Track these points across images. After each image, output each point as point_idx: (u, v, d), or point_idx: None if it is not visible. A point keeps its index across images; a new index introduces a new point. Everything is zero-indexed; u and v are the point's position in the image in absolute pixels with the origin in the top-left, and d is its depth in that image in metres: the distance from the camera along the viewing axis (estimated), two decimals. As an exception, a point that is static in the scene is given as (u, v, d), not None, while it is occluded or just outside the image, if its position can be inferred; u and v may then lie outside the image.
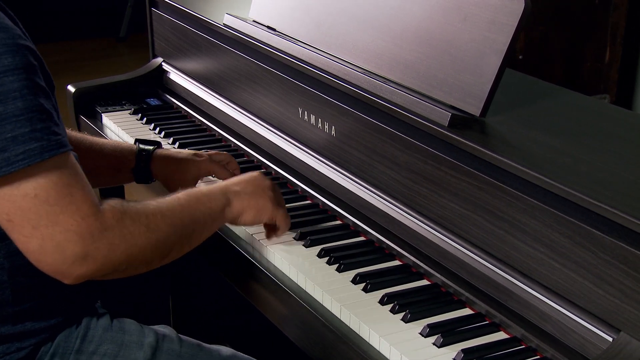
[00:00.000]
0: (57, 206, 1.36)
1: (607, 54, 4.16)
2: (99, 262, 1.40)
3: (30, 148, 1.33)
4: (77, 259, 1.38)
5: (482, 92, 1.59)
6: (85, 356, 1.58)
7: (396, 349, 1.43)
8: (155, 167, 1.96)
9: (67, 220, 1.36)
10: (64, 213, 1.36)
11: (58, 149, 1.36)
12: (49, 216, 1.35)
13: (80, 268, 1.39)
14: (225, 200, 1.64)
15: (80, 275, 1.40)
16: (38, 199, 1.35)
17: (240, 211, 1.66)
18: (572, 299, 1.39)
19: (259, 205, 1.68)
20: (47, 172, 1.36)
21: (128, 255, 1.44)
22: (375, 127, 1.75)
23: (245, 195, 1.67)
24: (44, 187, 1.35)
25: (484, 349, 1.44)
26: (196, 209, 1.58)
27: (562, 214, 1.37)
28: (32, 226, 1.36)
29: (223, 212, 1.64)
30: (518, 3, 1.56)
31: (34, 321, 1.54)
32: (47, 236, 1.36)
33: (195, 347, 1.66)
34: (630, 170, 1.44)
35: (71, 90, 2.49)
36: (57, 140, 1.36)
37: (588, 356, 1.36)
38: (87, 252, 1.38)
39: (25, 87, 1.34)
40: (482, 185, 1.52)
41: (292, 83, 2.00)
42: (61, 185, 1.36)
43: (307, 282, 1.64)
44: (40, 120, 1.35)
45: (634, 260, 1.27)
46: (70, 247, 1.37)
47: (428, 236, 1.66)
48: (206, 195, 1.62)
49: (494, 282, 1.52)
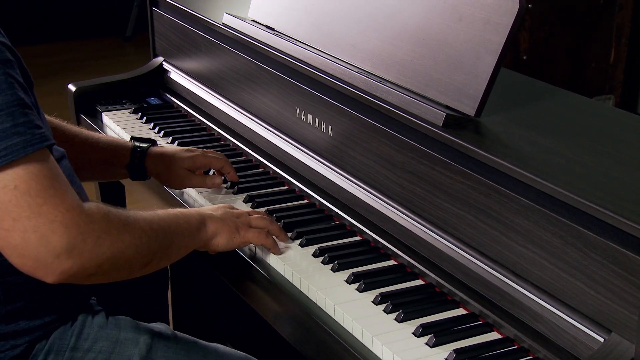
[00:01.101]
0: (40, 197, 1.33)
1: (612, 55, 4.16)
2: (84, 258, 1.37)
3: (13, 143, 1.32)
4: (63, 252, 1.34)
5: (477, 92, 1.59)
6: (80, 353, 1.59)
7: (388, 349, 1.44)
8: (150, 163, 1.96)
9: (51, 212, 1.33)
10: (47, 204, 1.33)
11: (42, 142, 1.35)
12: (31, 207, 1.32)
13: (65, 262, 1.35)
14: (201, 220, 1.64)
15: (65, 271, 1.37)
16: (18, 190, 1.32)
17: (214, 233, 1.65)
18: (564, 299, 1.39)
19: (230, 228, 1.67)
20: (28, 164, 1.34)
21: (112, 253, 1.42)
22: (371, 127, 1.75)
23: (217, 218, 1.66)
24: (24, 179, 1.33)
25: (476, 349, 1.44)
26: (175, 223, 1.58)
27: (553, 214, 1.37)
28: (13, 218, 1.33)
29: (199, 231, 1.63)
30: (513, 3, 1.56)
31: (28, 320, 1.55)
32: (30, 228, 1.32)
33: (190, 344, 1.66)
34: (623, 171, 1.44)
35: (72, 90, 2.50)
36: (40, 134, 1.36)
37: (580, 357, 1.36)
38: (74, 245, 1.35)
39: (4, 81, 1.33)
40: (475, 185, 1.52)
41: (289, 82, 2.00)
42: (42, 177, 1.34)
43: (302, 281, 1.64)
44: (22, 115, 1.35)
45: (625, 261, 1.27)
46: (56, 238, 1.34)
47: (423, 236, 1.66)
48: (183, 213, 1.62)
49: (487, 282, 1.52)
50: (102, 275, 1.44)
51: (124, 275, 1.49)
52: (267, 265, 1.73)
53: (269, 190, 2.00)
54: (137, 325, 1.65)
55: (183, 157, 1.97)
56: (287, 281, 1.67)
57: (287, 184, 2.02)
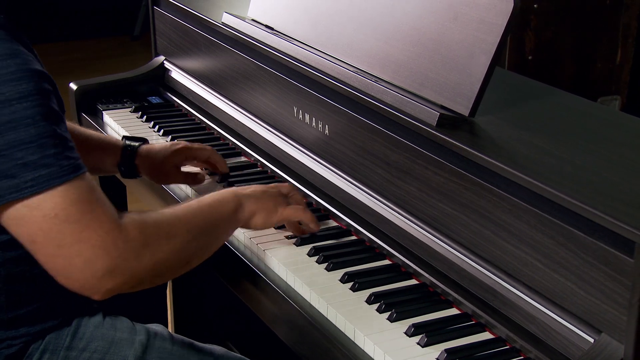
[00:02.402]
0: (80, 224, 1.36)
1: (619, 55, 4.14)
2: (126, 275, 1.41)
3: (39, 175, 1.34)
4: (106, 273, 1.38)
5: (471, 92, 1.59)
6: (75, 353, 1.59)
7: (380, 348, 1.44)
8: (140, 162, 1.98)
9: (92, 236, 1.37)
10: (87, 229, 1.37)
11: (69, 174, 1.36)
12: (72, 234, 1.36)
13: (109, 282, 1.40)
14: (238, 203, 1.66)
15: (110, 289, 1.41)
16: (58, 218, 1.35)
17: (252, 213, 1.68)
18: (555, 300, 1.39)
19: (269, 207, 1.70)
20: (65, 192, 1.36)
21: (153, 264, 1.45)
22: (367, 126, 1.75)
23: (254, 198, 1.69)
24: (63, 206, 1.36)
25: (468, 349, 1.44)
26: (210, 214, 1.60)
27: (545, 214, 1.37)
28: (57, 245, 1.36)
29: (236, 215, 1.66)
30: (507, 3, 1.56)
31: (29, 326, 1.55)
32: (74, 254, 1.37)
33: (186, 346, 1.66)
34: (614, 171, 1.43)
35: (73, 88, 2.51)
36: (69, 166, 1.37)
37: (570, 357, 1.36)
38: (115, 265, 1.39)
39: (39, 113, 1.35)
40: (468, 185, 1.52)
41: (287, 82, 2.00)
42: (80, 203, 1.37)
43: (296, 281, 1.64)
44: (53, 146, 1.36)
45: (615, 262, 1.27)
46: (99, 262, 1.37)
47: (417, 236, 1.66)
48: (218, 199, 1.64)
49: (480, 282, 1.52)
50: (145, 284, 1.49)
51: (167, 278, 1.55)
52: (262, 264, 1.73)
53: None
54: (133, 326, 1.65)
55: (167, 152, 1.99)
56: (282, 280, 1.68)
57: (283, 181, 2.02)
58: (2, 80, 1.33)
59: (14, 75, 1.34)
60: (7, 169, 1.33)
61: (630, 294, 1.25)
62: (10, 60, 1.34)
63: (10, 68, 1.34)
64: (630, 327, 1.25)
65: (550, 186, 1.35)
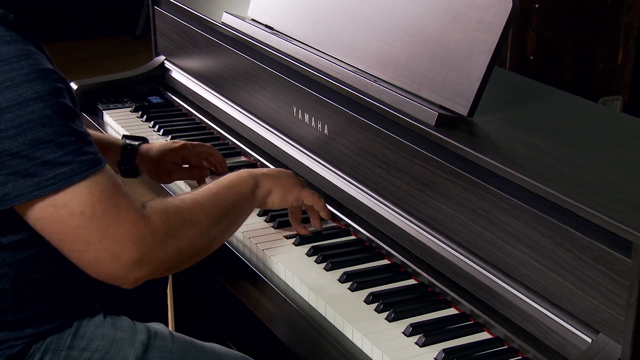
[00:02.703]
0: (106, 219, 1.39)
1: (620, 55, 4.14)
2: (154, 263, 1.45)
3: (61, 172, 1.36)
4: (134, 264, 1.42)
5: (469, 92, 1.59)
6: (76, 352, 1.59)
7: (378, 348, 1.44)
8: (140, 161, 1.99)
9: (118, 231, 1.40)
10: (114, 225, 1.39)
11: (89, 169, 1.38)
12: (99, 230, 1.39)
13: (138, 272, 1.43)
14: (254, 182, 1.70)
15: (139, 278, 1.45)
16: (85, 215, 1.38)
17: (269, 190, 1.72)
18: (553, 300, 1.39)
19: (285, 184, 1.75)
20: (89, 189, 1.38)
21: (177, 252, 1.48)
22: (366, 126, 1.75)
23: (271, 176, 1.74)
24: (89, 203, 1.38)
25: (465, 349, 1.44)
26: (229, 195, 1.63)
27: (543, 214, 1.37)
28: (85, 241, 1.39)
29: (254, 193, 1.69)
30: (506, 3, 1.55)
31: (34, 328, 1.56)
32: (102, 249, 1.39)
33: (187, 344, 1.66)
34: (613, 171, 1.43)
35: (73, 88, 2.51)
36: (88, 160, 1.38)
37: (568, 357, 1.36)
38: (142, 256, 1.42)
39: (55, 112, 1.36)
40: (466, 185, 1.52)
41: (286, 82, 2.00)
42: (105, 199, 1.39)
43: (295, 280, 1.64)
44: (71, 143, 1.37)
45: (612, 262, 1.27)
46: (126, 254, 1.41)
47: (416, 235, 1.66)
48: (235, 180, 1.67)
49: (478, 282, 1.52)
50: (173, 269, 1.54)
51: (193, 261, 1.57)
52: (260, 264, 1.73)
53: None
54: (134, 325, 1.65)
55: (167, 150, 2.00)
56: (281, 280, 1.68)
57: (283, 182, 2.02)
58: (16, 82, 1.34)
59: (28, 76, 1.35)
60: (27, 168, 1.34)
61: (628, 294, 1.25)
62: (23, 61, 1.36)
63: (23, 70, 1.35)
64: (627, 327, 1.25)
65: (548, 186, 1.35)
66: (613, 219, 1.25)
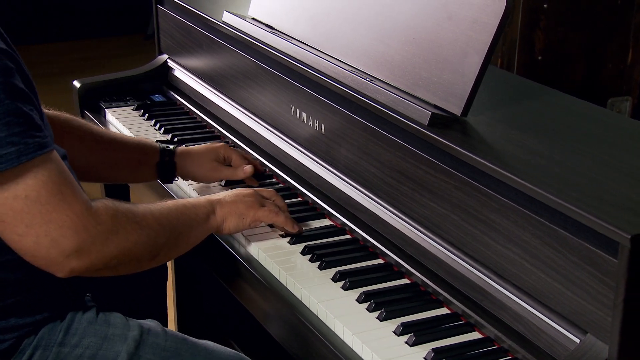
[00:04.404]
0: (50, 204, 1.40)
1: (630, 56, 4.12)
2: (92, 256, 1.45)
3: (7, 152, 1.36)
4: (72, 253, 1.42)
5: (463, 92, 1.59)
6: (67, 349, 1.60)
7: (367, 347, 1.44)
8: (179, 160, 1.99)
9: (61, 217, 1.40)
10: (56, 211, 1.40)
11: (36, 151, 1.38)
12: (42, 215, 1.39)
13: (74, 261, 1.44)
14: (210, 208, 1.68)
15: (74, 269, 1.45)
16: (29, 199, 1.38)
17: (223, 218, 1.69)
18: (543, 300, 1.39)
19: (240, 210, 1.71)
20: (35, 173, 1.39)
21: (120, 250, 1.48)
22: (361, 125, 1.75)
23: (227, 203, 1.71)
24: (34, 187, 1.39)
25: (455, 349, 1.44)
26: (183, 214, 1.63)
27: (532, 214, 1.37)
28: (26, 225, 1.40)
29: (208, 219, 1.68)
30: (499, 2, 1.55)
31: (19, 317, 1.56)
32: (42, 234, 1.40)
33: (180, 341, 1.67)
34: (603, 172, 1.43)
35: (77, 86, 2.52)
36: (35, 143, 1.38)
37: (557, 357, 1.36)
38: (82, 246, 1.43)
39: (2, 91, 1.36)
40: (458, 185, 1.52)
41: (285, 80, 2.01)
42: (51, 184, 1.40)
43: (288, 279, 1.64)
44: (18, 124, 1.37)
45: (599, 262, 1.27)
46: (65, 242, 1.41)
47: (410, 235, 1.66)
48: (192, 203, 1.68)
49: (470, 281, 1.52)
50: (110, 270, 1.52)
51: (132, 269, 1.57)
52: (255, 262, 1.73)
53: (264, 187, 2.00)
54: (127, 322, 1.65)
55: (208, 150, 2.00)
56: (275, 279, 1.68)
57: (282, 181, 2.02)
58: None
59: None
60: None
61: (614, 294, 1.24)
62: None
63: None
64: (614, 328, 1.25)
65: (536, 186, 1.35)
66: (599, 218, 1.24)
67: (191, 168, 2.00)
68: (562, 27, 3.94)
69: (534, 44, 3.92)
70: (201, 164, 1.99)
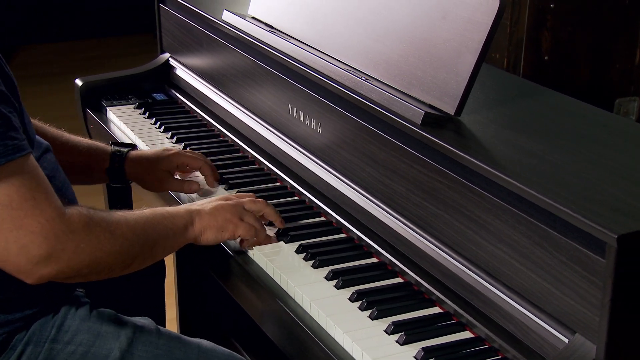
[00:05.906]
0: (21, 210, 1.38)
1: (637, 55, 4.10)
2: (62, 264, 1.43)
3: None
4: (41, 260, 1.41)
5: (457, 91, 1.59)
6: (60, 345, 1.60)
7: (358, 345, 1.44)
8: (129, 167, 1.97)
9: (31, 224, 1.38)
10: (27, 217, 1.38)
11: (14, 154, 1.38)
12: (13, 220, 1.38)
13: (43, 269, 1.42)
14: (189, 219, 1.65)
15: (43, 276, 1.43)
16: (1, 204, 1.37)
17: (201, 230, 1.67)
18: (532, 300, 1.39)
19: (219, 223, 1.68)
20: (8, 177, 1.37)
21: (92, 259, 1.47)
22: (357, 124, 1.76)
23: (205, 215, 1.67)
24: (6, 191, 1.37)
25: (446, 348, 1.44)
26: (160, 223, 1.60)
27: (521, 213, 1.37)
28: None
29: (186, 230, 1.65)
30: (493, 2, 1.55)
31: (7, 313, 1.56)
32: (11, 239, 1.38)
33: (173, 339, 1.67)
34: (593, 171, 1.42)
35: (78, 84, 2.53)
36: (13, 146, 1.38)
37: (546, 357, 1.36)
38: (51, 254, 1.41)
39: None
40: (451, 184, 1.52)
41: (282, 80, 2.01)
42: (24, 189, 1.38)
43: (282, 277, 1.65)
44: None
45: (587, 262, 1.26)
46: (35, 248, 1.39)
47: (404, 234, 1.66)
48: (170, 212, 1.64)
49: (462, 281, 1.52)
50: (81, 278, 1.50)
51: (103, 276, 1.54)
52: (250, 261, 1.73)
53: (261, 186, 2.00)
54: (120, 319, 1.66)
55: (160, 158, 1.97)
56: (269, 277, 1.68)
57: (280, 180, 2.03)
58: None
59: None
60: None
61: (602, 294, 1.24)
62: None
63: None
64: (601, 327, 1.25)
65: (525, 185, 1.34)
66: (587, 218, 1.24)
67: (141, 176, 1.98)
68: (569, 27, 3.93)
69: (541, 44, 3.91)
70: (151, 171, 1.97)
